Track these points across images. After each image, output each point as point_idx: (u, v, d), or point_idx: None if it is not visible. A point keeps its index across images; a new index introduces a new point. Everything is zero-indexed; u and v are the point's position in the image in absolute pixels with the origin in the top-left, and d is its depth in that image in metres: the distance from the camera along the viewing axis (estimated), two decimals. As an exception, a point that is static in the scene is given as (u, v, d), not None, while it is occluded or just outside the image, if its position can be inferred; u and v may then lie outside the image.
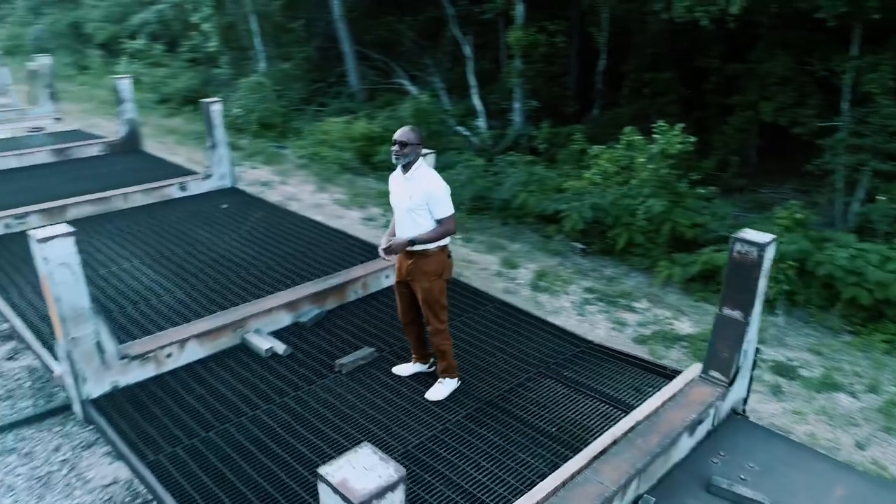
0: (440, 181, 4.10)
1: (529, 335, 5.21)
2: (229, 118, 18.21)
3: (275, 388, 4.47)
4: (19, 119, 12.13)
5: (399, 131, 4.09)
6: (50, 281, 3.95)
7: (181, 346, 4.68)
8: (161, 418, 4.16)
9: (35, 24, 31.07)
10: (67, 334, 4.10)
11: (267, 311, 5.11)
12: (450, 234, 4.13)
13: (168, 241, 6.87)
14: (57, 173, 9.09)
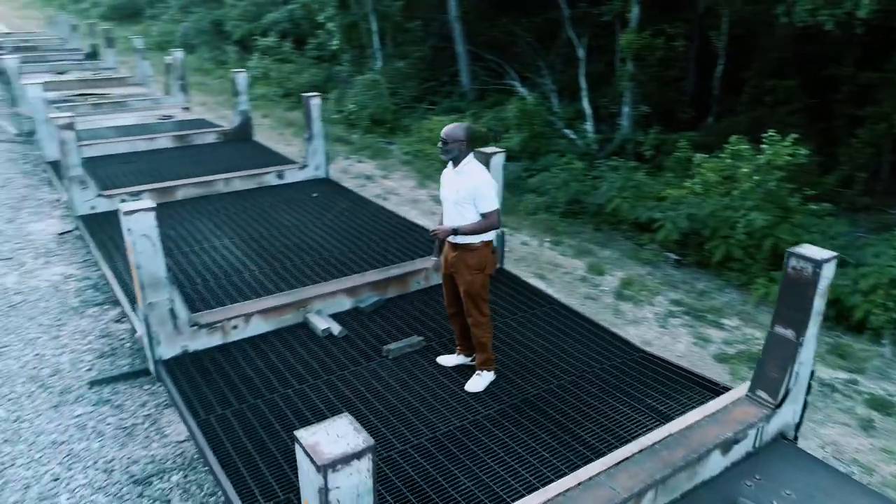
0: (486, 177, 4.21)
1: (580, 338, 5.17)
2: (343, 113, 19.11)
3: (324, 365, 4.74)
4: (153, 107, 13.38)
5: (445, 128, 4.23)
6: (132, 250, 4.41)
7: (246, 320, 5.06)
8: (218, 383, 4.54)
9: (183, 21, 33.82)
10: (145, 299, 4.56)
11: (330, 293, 5.41)
12: (493, 227, 4.22)
13: (257, 223, 7.39)
14: (176, 157, 9.96)
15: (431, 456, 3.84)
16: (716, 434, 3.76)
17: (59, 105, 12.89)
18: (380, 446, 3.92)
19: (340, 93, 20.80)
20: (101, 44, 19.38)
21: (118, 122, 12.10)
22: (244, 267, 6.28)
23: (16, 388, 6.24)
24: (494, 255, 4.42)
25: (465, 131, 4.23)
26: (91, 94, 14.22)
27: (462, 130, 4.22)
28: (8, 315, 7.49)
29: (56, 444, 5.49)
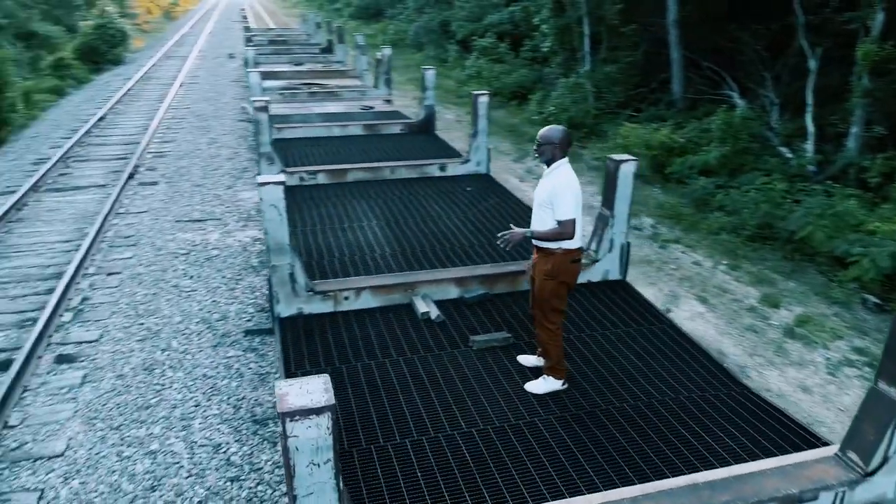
0: (569, 183, 4.17)
1: (678, 362, 4.87)
2: (543, 115, 19.30)
3: (411, 345, 5.04)
4: (359, 98, 14.72)
5: (542, 130, 4.25)
6: (263, 217, 5.07)
7: (357, 293, 5.53)
8: (317, 345, 5.05)
9: (416, 21, 36.27)
10: (270, 262, 5.21)
11: (438, 280, 5.69)
12: (565, 237, 4.16)
13: (406, 209, 7.90)
14: (361, 144, 10.93)
15: (474, 445, 3.94)
16: (776, 487, 3.38)
17: (283, 92, 14.72)
18: (430, 427, 4.11)
19: (543, 95, 21.00)
20: (334, 39, 21.61)
21: (326, 110, 13.52)
22: (378, 246, 6.80)
23: (190, 325, 7.42)
24: (576, 266, 4.34)
25: (560, 134, 4.23)
26: (313, 84, 16.01)
27: (557, 133, 4.22)
28: (202, 265, 8.85)
29: (205, 378, 6.46)
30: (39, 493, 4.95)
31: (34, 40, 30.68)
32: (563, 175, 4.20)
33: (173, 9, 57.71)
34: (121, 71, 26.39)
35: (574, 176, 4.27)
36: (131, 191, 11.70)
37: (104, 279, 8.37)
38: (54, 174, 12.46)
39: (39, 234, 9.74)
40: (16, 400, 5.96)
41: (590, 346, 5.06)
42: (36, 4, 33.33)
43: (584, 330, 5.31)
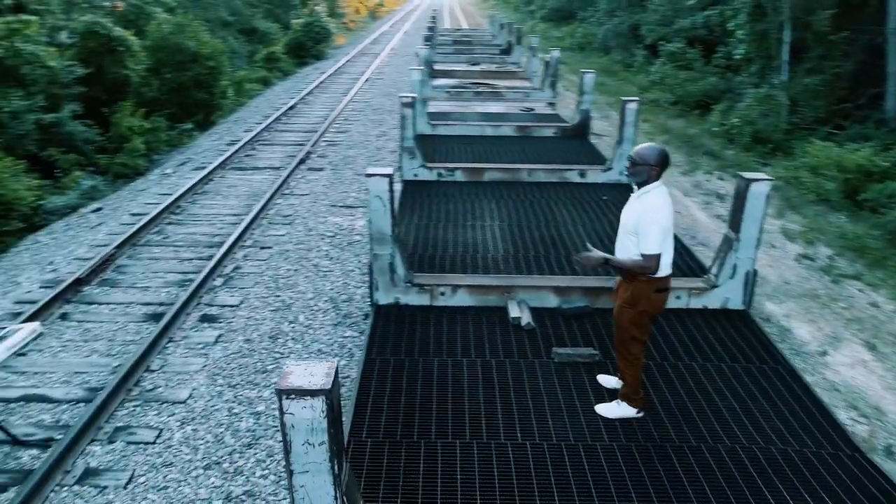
0: (660, 213, 3.85)
1: (785, 411, 4.34)
2: (725, 127, 18.02)
3: (493, 348, 4.99)
4: (522, 99, 14.73)
5: (637, 147, 3.98)
6: (369, 207, 5.30)
7: (454, 290, 5.58)
8: (405, 335, 5.18)
9: (605, 24, 35.42)
10: (372, 250, 5.43)
11: (537, 287, 5.56)
12: (646, 272, 3.86)
13: (533, 213, 7.81)
14: (510, 145, 10.96)
15: (523, 458, 3.83)
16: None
17: (450, 90, 15.15)
18: (485, 433, 4.06)
19: (728, 105, 19.58)
20: (513, 41, 21.80)
21: (487, 109, 13.71)
22: (493, 247, 6.80)
23: (319, 303, 7.94)
24: (661, 296, 4.01)
25: (658, 155, 3.90)
26: (481, 84, 16.30)
27: (654, 153, 3.90)
28: (344, 248, 9.43)
29: (319, 353, 6.89)
30: (158, 432, 5.61)
31: (255, 35, 34.43)
32: (654, 201, 3.89)
33: (378, 9, 61.60)
34: (320, 65, 28.74)
35: (667, 202, 3.94)
36: (300, 174, 12.73)
37: (256, 252, 9.22)
38: (241, 155, 13.93)
39: (215, 207, 10.96)
40: (160, 348, 6.78)
41: (684, 377, 4.67)
42: (260, 3, 37.32)
43: (682, 358, 4.91)
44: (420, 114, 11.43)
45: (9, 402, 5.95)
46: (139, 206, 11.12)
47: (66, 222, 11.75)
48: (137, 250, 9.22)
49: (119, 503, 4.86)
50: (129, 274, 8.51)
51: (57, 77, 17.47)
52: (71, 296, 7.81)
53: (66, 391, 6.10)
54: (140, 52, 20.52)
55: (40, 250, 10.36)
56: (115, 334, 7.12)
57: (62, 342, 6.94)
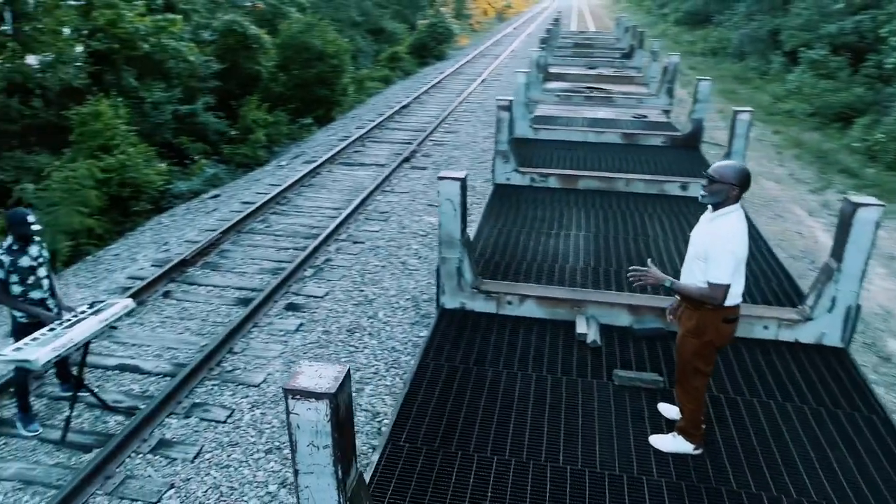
0: (733, 240, 3.51)
1: (870, 465, 3.85)
2: (866, 143, 16.52)
3: (553, 364, 4.80)
4: (635, 106, 14.16)
5: (716, 164, 3.66)
6: (439, 209, 5.27)
7: (521, 300, 5.43)
8: (464, 341, 5.10)
9: (742, 28, 33.42)
10: (441, 253, 5.40)
11: (610, 303, 5.30)
12: (713, 302, 3.53)
13: (623, 225, 7.46)
14: (613, 153, 10.55)
15: (560, 483, 3.65)
16: None
17: (560, 94, 14.85)
18: (525, 451, 3.91)
19: (873, 119, 17.90)
20: (635, 44, 21.05)
21: (596, 115, 13.31)
22: (574, 258, 6.57)
23: (401, 301, 8.03)
24: (729, 327, 3.66)
25: (739, 174, 3.54)
26: (594, 88, 15.85)
27: (735, 172, 3.55)
28: (433, 248, 9.47)
29: (392, 350, 6.97)
30: (230, 411, 5.88)
31: (382, 35, 35.52)
32: (729, 226, 3.55)
33: (506, 10, 61.65)
34: (440, 65, 29.16)
35: (743, 229, 3.58)
36: (402, 172, 12.96)
37: (349, 246, 9.48)
38: (350, 151, 14.39)
39: (318, 200, 11.38)
40: (244, 332, 7.12)
41: (756, 415, 4.27)
42: (389, 4, 38.43)
43: (759, 394, 4.49)
44: (522, 117, 11.29)
45: (107, 370, 6.46)
46: (251, 195, 11.75)
47: (186, 206, 12.64)
48: (241, 237, 9.74)
49: (184, 475, 5.13)
50: (230, 259, 9.00)
51: (196, 71, 18.86)
52: (176, 275, 8.38)
53: (156, 364, 6.54)
54: (271, 50, 21.73)
55: (161, 230, 11.21)
56: (207, 315, 7.55)
57: (161, 318, 7.46)
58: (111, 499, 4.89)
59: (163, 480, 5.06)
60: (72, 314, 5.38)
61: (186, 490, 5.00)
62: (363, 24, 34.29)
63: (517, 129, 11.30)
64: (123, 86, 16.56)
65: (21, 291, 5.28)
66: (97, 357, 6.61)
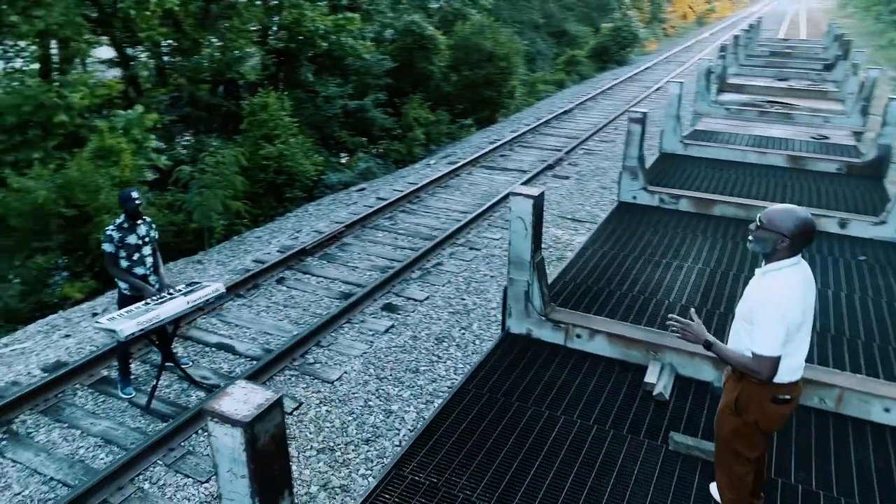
0: (785, 304, 2.85)
1: None
2: None
3: (606, 414, 4.26)
4: (820, 125, 12.44)
5: (769, 209, 2.97)
6: (510, 227, 4.92)
7: (591, 335, 4.91)
8: (515, 371, 4.71)
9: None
10: (509, 274, 5.04)
11: (690, 353, 4.61)
12: (757, 376, 2.88)
13: (754, 262, 6.49)
14: (774, 177, 9.32)
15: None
16: None
17: (730, 108, 13.49)
18: (535, 508, 3.49)
19: None
20: (841, 55, 18.58)
21: (768, 133, 11.91)
22: (678, 294, 5.85)
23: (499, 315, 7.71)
24: (779, 409, 2.97)
25: (795, 223, 2.85)
26: (776, 103, 14.21)
27: (790, 220, 2.86)
28: (549, 263, 8.99)
29: (466, 364, 6.69)
30: (298, 404, 5.99)
31: (564, 38, 34.95)
32: (779, 285, 2.88)
33: (707, 15, 57.80)
34: (619, 71, 27.99)
35: (799, 289, 2.90)
36: (542, 180, 12.54)
37: (464, 251, 9.32)
38: (496, 154, 14.23)
39: (449, 202, 11.36)
40: (336, 327, 7.24)
41: None
42: (576, 7, 37.67)
43: (853, 495, 3.63)
44: (672, 131, 10.39)
45: (206, 346, 6.90)
46: (388, 192, 12.04)
47: (333, 197, 13.27)
48: (365, 231, 9.99)
49: (238, 460, 5.29)
50: (348, 252, 9.26)
51: (370, 69, 19.77)
52: (294, 263, 8.77)
53: (249, 347, 6.86)
54: (444, 50, 22.19)
55: (303, 218, 11.86)
56: (310, 304, 7.80)
57: (269, 303, 7.83)
58: (168, 470, 5.18)
59: (217, 462, 5.25)
60: (167, 292, 5.78)
61: (235, 475, 5.14)
62: (545, 27, 33.95)
63: (665, 144, 10.46)
64: (301, 80, 17.81)
65: (127, 266, 5.76)
66: (202, 332, 7.10)
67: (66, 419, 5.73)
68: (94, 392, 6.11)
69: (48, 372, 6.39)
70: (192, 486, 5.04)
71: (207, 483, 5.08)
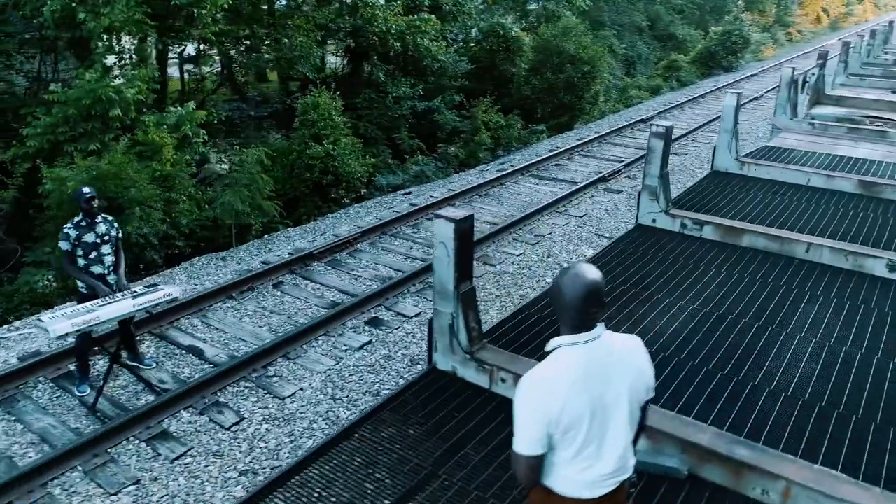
0: (535, 389, 2.26)
1: None
2: None
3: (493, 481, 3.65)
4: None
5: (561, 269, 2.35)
6: (434, 252, 4.39)
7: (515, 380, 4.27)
8: (414, 419, 4.18)
9: None
10: (434, 303, 4.51)
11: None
12: (517, 477, 2.27)
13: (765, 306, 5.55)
14: (841, 203, 8.09)
15: None
16: None
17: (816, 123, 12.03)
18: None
19: None
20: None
21: (854, 153, 10.47)
22: (653, 339, 5.05)
23: (490, 339, 7.12)
24: None
25: (570, 286, 2.26)
26: (878, 119, 12.54)
27: (569, 284, 2.27)
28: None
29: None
30: (240, 419, 5.73)
31: (670, 42, 33.13)
32: (545, 369, 2.30)
33: (844, 19, 53.03)
34: (722, 78, 26.09)
35: (572, 380, 2.24)
36: (592, 193, 11.71)
37: (476, 266, 8.67)
38: (551, 163, 13.47)
39: (482, 212, 10.79)
40: (311, 339, 6.94)
41: None
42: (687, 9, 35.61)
43: None
44: (726, 147, 9.31)
45: (178, 348, 6.81)
46: (425, 198, 11.65)
47: (377, 200, 13.07)
48: (382, 238, 9.66)
49: (156, 474, 5.10)
50: (357, 259, 8.96)
51: (446, 70, 19.46)
52: (297, 267, 8.58)
53: (217, 353, 6.70)
54: (528, 53, 21.51)
55: (340, 220, 11.72)
56: (297, 312, 7.56)
57: (256, 308, 7.66)
58: (84, 477, 5.06)
59: (134, 474, 5.09)
60: (121, 293, 5.69)
61: (146, 491, 4.95)
62: (651, 30, 32.29)
63: (718, 162, 9.42)
64: (373, 80, 17.78)
65: (84, 265, 5.72)
66: (179, 333, 7.02)
67: (16, 412, 5.77)
68: (53, 386, 6.14)
69: (22, 361, 6.50)
70: (99, 498, 4.88)
71: (115, 496, 4.90)
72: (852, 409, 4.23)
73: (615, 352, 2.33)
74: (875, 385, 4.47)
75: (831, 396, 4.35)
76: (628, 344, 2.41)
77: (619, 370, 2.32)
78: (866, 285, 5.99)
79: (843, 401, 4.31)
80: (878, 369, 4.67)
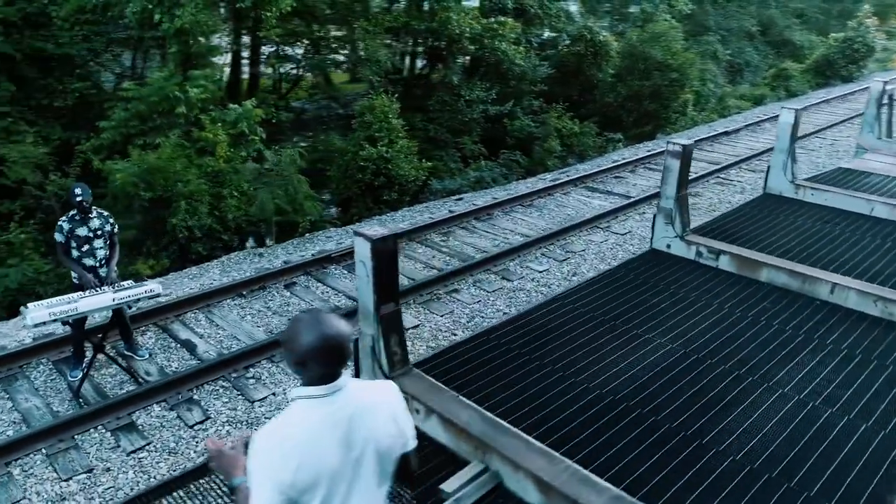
0: (264, 448, 2.03)
1: None
2: None
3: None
4: None
5: None
6: (356, 271, 4.22)
7: (429, 413, 4.03)
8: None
9: None
10: (358, 325, 4.34)
11: (517, 464, 3.55)
12: None
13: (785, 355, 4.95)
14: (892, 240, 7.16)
15: None
16: None
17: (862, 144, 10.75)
18: None
19: None
20: None
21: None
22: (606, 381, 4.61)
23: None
24: None
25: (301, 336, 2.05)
26: None
27: (305, 331, 2.04)
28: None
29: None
30: (206, 419, 5.81)
31: (786, 48, 30.89)
32: (276, 425, 2.09)
33: None
34: (836, 89, 23.95)
35: (307, 439, 2.02)
36: (642, 209, 11.05)
37: (493, 280, 8.47)
38: (607, 175, 12.83)
39: (521, 223, 10.45)
40: (300, 343, 6.93)
41: None
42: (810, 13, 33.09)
43: None
44: (781, 167, 8.48)
45: (175, 341, 7.02)
46: (470, 205, 11.43)
47: (426, 205, 12.98)
48: (409, 245, 9.55)
49: (110, 465, 5.26)
50: (375, 265, 8.88)
51: (525, 75, 19.10)
52: (314, 269, 8.64)
53: (208, 349, 6.85)
54: (615, 58, 20.73)
55: (384, 223, 11.74)
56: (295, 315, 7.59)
57: (262, 307, 7.78)
58: (44, 460, 5.30)
59: (89, 462, 5.27)
60: (107, 287, 5.93)
61: (95, 480, 5.11)
62: (761, 35, 30.21)
63: (772, 183, 8.62)
64: (446, 82, 17.73)
65: (77, 256, 6.02)
66: (180, 327, 7.24)
67: (11, 390, 6.15)
68: (52, 369, 6.50)
69: (36, 341, 6.92)
70: (50, 483, 5.08)
71: (66, 482, 5.09)
72: (807, 485, 3.65)
73: (360, 405, 2.09)
74: (849, 458, 3.84)
75: (789, 467, 3.78)
76: (377, 394, 2.17)
77: (366, 424, 2.09)
78: (890, 338, 5.20)
79: (798, 475, 3.73)
80: (861, 439, 4.02)
